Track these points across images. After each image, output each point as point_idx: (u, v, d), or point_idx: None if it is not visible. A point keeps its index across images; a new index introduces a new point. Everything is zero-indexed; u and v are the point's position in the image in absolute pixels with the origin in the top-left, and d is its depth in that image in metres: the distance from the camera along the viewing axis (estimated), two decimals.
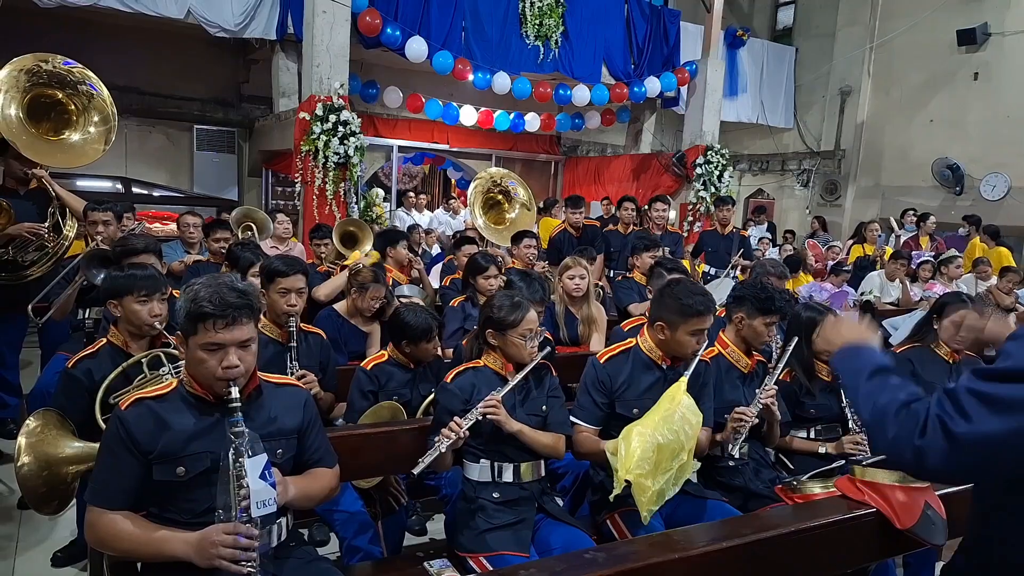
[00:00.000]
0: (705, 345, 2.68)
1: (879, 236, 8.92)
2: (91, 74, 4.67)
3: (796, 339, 3.08)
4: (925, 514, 2.25)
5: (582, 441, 2.65)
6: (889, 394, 1.44)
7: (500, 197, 6.87)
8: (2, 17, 5.40)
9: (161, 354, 2.73)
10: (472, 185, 6.80)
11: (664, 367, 2.72)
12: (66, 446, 2.41)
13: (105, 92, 4.71)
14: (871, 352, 1.62)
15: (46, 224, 4.38)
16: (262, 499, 1.78)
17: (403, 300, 4.11)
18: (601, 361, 2.75)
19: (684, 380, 2.47)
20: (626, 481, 2.25)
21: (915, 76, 11.40)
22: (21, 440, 2.35)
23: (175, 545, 1.79)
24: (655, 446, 2.25)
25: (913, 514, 2.23)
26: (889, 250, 8.12)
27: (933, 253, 8.31)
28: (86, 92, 4.64)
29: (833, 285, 6.85)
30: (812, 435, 3.19)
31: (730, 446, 2.75)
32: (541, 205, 8.84)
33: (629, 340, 2.85)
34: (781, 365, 2.92)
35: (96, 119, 4.69)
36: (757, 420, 2.74)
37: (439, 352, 3.30)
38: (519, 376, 2.52)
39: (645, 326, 2.81)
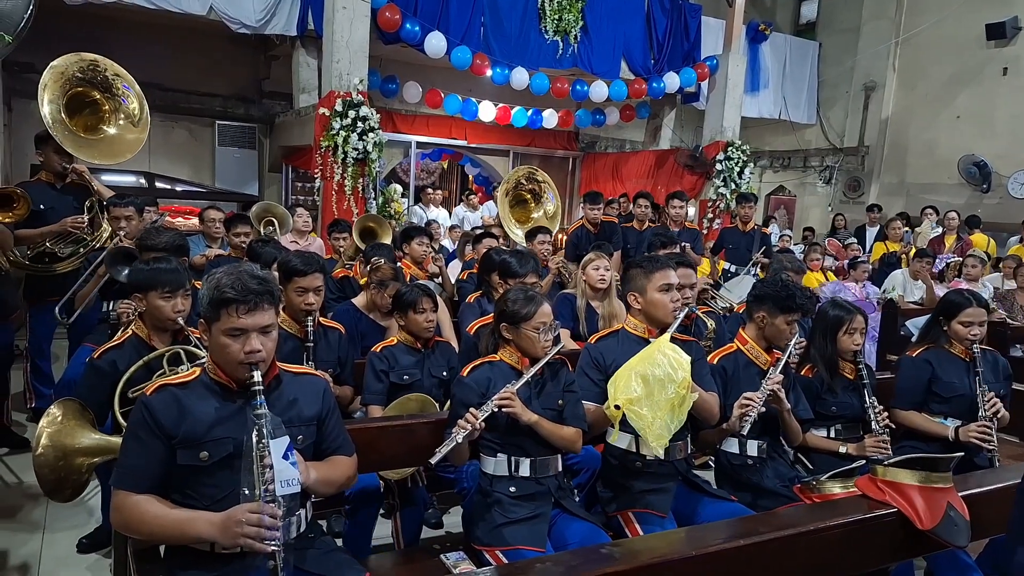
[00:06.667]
0: (685, 311, 2.84)
1: (905, 233, 8.80)
2: (133, 95, 4.81)
3: (813, 339, 3.13)
4: (948, 515, 2.22)
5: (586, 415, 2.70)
6: None
7: (529, 196, 6.89)
8: None
9: (181, 352, 2.77)
10: (510, 173, 6.81)
11: (651, 340, 2.76)
12: (83, 437, 2.44)
13: (134, 104, 4.83)
14: None
15: (85, 218, 4.45)
16: (286, 478, 1.80)
17: None
18: (592, 342, 2.90)
19: (667, 335, 2.57)
20: (616, 407, 2.45)
21: (942, 71, 11.21)
22: (42, 428, 2.39)
23: (199, 525, 1.82)
24: (640, 376, 2.43)
25: (936, 515, 2.21)
26: (914, 248, 8.01)
27: (958, 253, 8.17)
28: (118, 100, 4.79)
29: (855, 281, 6.77)
30: (832, 434, 3.16)
31: (739, 429, 2.73)
32: None
33: (617, 325, 3.01)
34: (787, 353, 2.91)
35: (123, 117, 4.82)
36: (764, 408, 2.73)
37: (430, 326, 3.32)
38: (533, 369, 2.53)
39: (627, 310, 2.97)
